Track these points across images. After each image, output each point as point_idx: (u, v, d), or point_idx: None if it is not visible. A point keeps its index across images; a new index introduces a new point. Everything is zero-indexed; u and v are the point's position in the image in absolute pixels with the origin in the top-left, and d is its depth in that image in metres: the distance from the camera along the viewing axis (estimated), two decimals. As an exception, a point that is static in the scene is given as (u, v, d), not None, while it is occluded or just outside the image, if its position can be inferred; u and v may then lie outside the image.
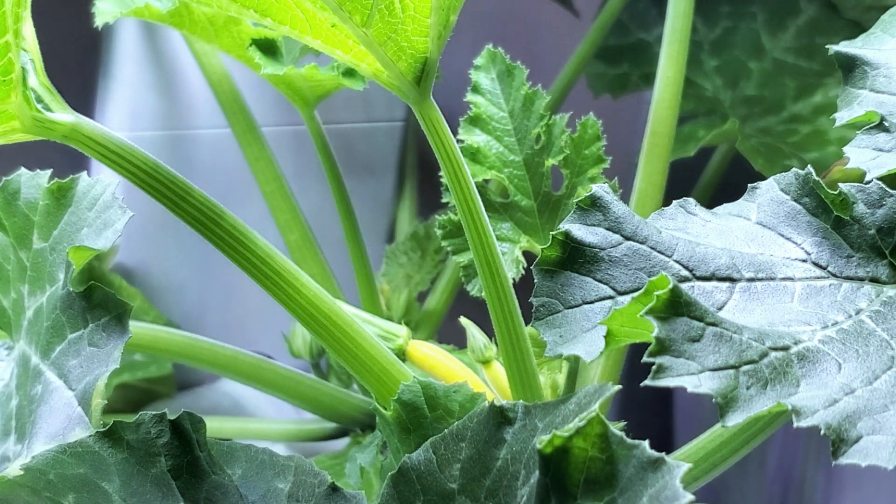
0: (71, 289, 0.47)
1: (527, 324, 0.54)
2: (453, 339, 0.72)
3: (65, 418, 0.44)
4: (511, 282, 0.54)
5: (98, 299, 0.46)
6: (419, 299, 0.80)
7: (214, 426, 0.70)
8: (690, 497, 0.26)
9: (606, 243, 0.34)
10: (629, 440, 0.25)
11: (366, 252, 0.76)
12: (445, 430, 0.29)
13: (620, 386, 0.29)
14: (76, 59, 0.83)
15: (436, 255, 0.80)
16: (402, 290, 0.79)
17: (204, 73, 0.78)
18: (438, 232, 0.62)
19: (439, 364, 0.61)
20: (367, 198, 0.89)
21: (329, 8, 0.44)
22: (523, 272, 0.60)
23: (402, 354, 0.61)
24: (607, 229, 0.35)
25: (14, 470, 0.42)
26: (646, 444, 0.25)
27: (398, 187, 0.92)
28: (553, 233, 0.34)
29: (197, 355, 0.61)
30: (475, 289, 0.60)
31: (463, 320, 0.62)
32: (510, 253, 0.61)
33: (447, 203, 0.62)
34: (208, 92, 0.78)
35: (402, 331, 0.62)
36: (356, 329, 0.53)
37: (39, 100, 0.48)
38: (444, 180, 0.63)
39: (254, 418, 0.81)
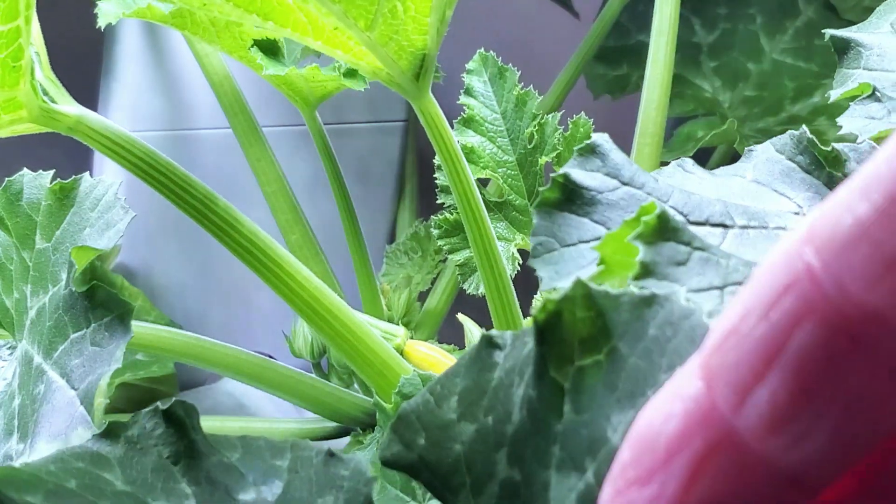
0: (73, 289, 0.47)
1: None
2: (454, 339, 0.72)
3: (67, 417, 0.44)
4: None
5: (100, 299, 0.46)
6: (420, 299, 0.81)
7: (217, 425, 0.70)
8: (700, 306, 0.26)
9: (604, 187, 0.35)
10: (612, 291, 0.25)
11: (367, 252, 0.76)
12: (439, 374, 0.29)
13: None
14: (79, 59, 0.83)
15: (436, 256, 0.80)
16: (403, 290, 0.79)
17: (205, 73, 0.78)
18: (435, 231, 0.62)
19: (438, 363, 0.61)
20: (368, 198, 0.89)
21: (333, 14, 0.45)
22: (519, 269, 0.60)
23: (400, 354, 0.61)
24: (605, 174, 0.35)
25: (16, 468, 0.42)
26: (631, 289, 0.25)
27: (399, 188, 0.92)
28: (553, 175, 0.35)
29: (199, 355, 0.61)
30: (472, 287, 0.61)
31: (460, 316, 0.62)
32: (506, 251, 0.61)
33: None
34: (209, 92, 0.78)
35: (400, 331, 0.62)
36: (357, 323, 0.53)
37: (45, 92, 0.49)
38: (439, 182, 0.63)
39: (256, 417, 0.81)
